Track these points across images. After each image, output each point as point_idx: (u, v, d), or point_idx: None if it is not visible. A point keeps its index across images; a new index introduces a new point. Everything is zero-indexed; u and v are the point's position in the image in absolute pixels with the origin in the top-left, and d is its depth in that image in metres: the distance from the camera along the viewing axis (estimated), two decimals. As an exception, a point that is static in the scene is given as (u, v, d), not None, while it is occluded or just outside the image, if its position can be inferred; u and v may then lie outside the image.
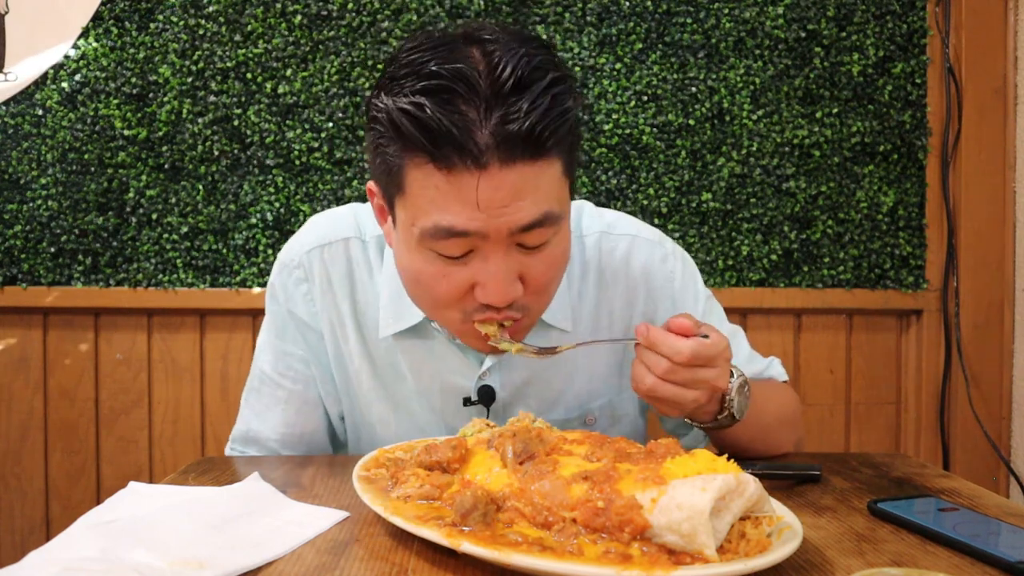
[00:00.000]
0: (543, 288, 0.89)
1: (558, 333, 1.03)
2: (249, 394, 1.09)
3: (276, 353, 1.07)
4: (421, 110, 0.77)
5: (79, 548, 0.66)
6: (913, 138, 1.89)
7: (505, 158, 0.78)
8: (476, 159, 0.77)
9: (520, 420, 0.86)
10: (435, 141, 0.77)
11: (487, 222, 0.80)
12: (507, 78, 0.77)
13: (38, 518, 1.86)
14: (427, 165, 0.79)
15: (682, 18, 1.85)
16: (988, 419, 1.89)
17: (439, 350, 1.03)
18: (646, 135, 1.85)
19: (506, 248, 0.83)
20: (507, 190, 0.79)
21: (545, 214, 0.82)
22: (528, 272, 0.86)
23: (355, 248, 1.05)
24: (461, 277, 0.85)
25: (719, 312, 1.15)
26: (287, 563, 0.66)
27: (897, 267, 1.90)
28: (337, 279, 1.04)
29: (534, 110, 0.77)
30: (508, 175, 0.78)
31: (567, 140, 0.83)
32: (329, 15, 1.82)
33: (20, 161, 1.80)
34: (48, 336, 1.85)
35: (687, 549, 0.60)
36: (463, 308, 0.87)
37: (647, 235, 1.11)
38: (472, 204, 0.79)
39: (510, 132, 0.77)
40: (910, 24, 1.88)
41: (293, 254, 1.06)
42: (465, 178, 0.78)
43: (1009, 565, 0.64)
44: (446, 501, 0.71)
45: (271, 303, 1.08)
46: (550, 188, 0.82)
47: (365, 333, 1.05)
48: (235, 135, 1.82)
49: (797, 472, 0.91)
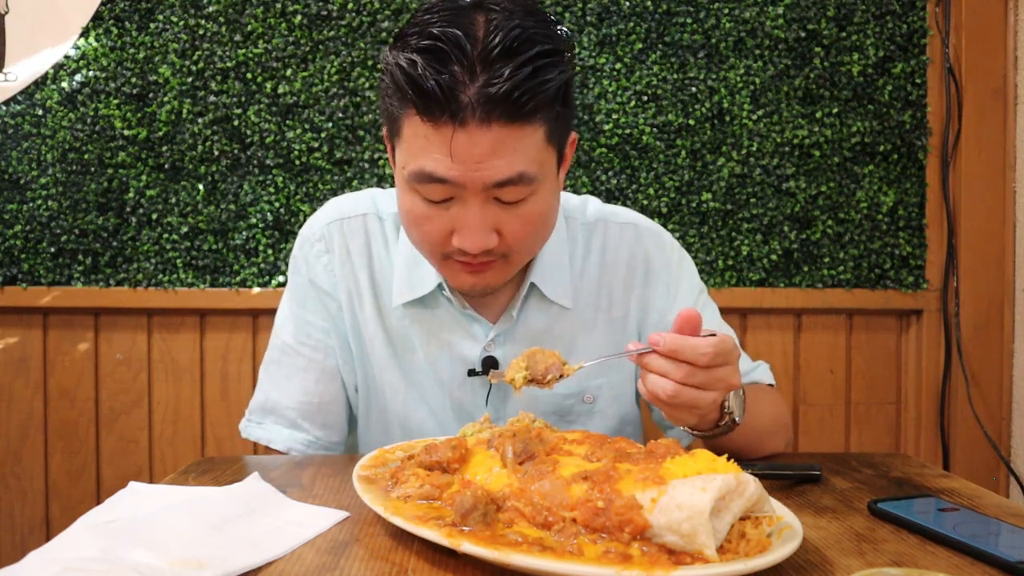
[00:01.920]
0: (518, 243, 0.94)
1: (558, 309, 1.09)
2: (269, 365, 1.14)
3: (297, 322, 1.12)
4: (414, 67, 0.85)
5: (79, 548, 0.66)
6: (913, 138, 1.89)
7: (483, 118, 0.84)
8: (455, 114, 0.84)
9: (520, 420, 0.86)
10: (423, 96, 0.85)
11: (464, 173, 0.87)
12: (495, 45, 0.84)
13: (38, 518, 1.86)
14: (416, 116, 0.87)
15: (682, 18, 1.85)
16: (988, 419, 1.89)
17: (447, 320, 1.08)
18: (646, 135, 1.85)
19: (483, 200, 0.90)
20: (484, 147, 0.86)
21: (520, 174, 0.88)
22: (504, 226, 0.92)
23: (372, 223, 1.11)
24: (442, 221, 0.92)
25: (713, 309, 1.18)
26: (287, 563, 0.66)
27: (897, 267, 1.90)
28: (356, 250, 1.10)
29: (515, 76, 0.83)
30: (485, 133, 0.85)
31: (551, 108, 0.89)
32: (329, 15, 1.82)
33: (20, 161, 1.80)
34: (48, 336, 1.85)
35: (687, 549, 0.60)
36: (443, 250, 0.94)
37: (648, 225, 1.17)
38: (452, 156, 0.86)
39: (490, 94, 0.83)
40: (910, 24, 1.88)
41: (315, 228, 1.12)
42: (445, 131, 0.85)
43: (1009, 565, 0.64)
44: (446, 501, 0.71)
45: (293, 275, 1.14)
46: (528, 150, 0.88)
47: (380, 303, 1.10)
48: (235, 135, 1.82)
49: (797, 472, 0.91)
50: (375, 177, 1.83)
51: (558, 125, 0.92)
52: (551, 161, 0.94)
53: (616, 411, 1.14)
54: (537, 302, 1.09)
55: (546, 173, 0.93)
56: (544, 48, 0.85)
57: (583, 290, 1.11)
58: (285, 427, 1.10)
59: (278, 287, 1.82)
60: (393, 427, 1.12)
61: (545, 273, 1.08)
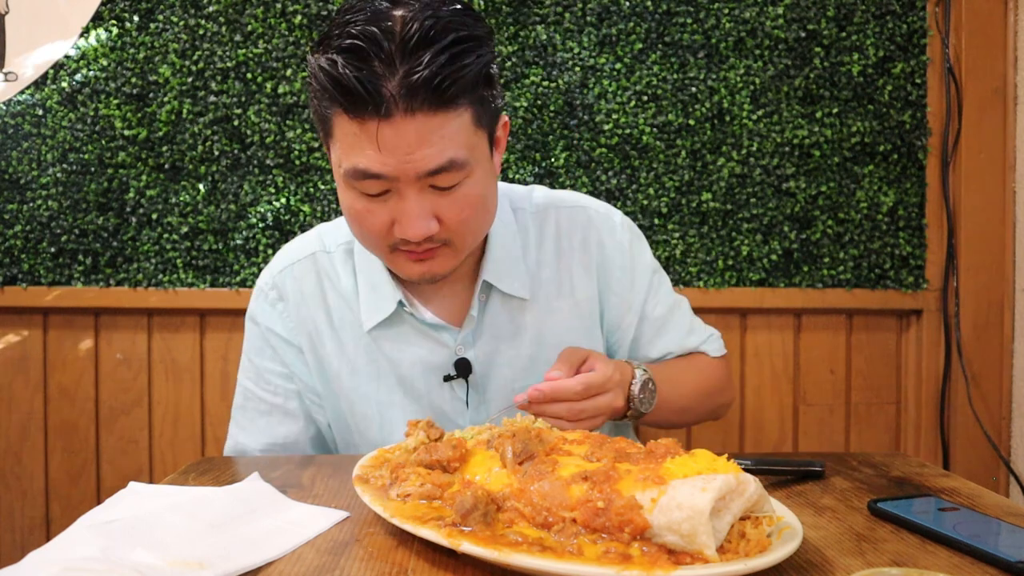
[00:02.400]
0: (459, 226, 0.96)
1: (518, 302, 1.11)
2: (236, 411, 1.16)
3: (257, 371, 1.15)
4: (335, 67, 0.86)
5: (79, 548, 0.66)
6: (913, 138, 1.89)
7: (407, 107, 0.86)
8: (379, 108, 0.86)
9: (520, 420, 0.86)
10: (346, 95, 0.87)
11: (396, 166, 0.89)
12: (411, 35, 0.85)
13: (38, 518, 1.86)
14: (344, 115, 0.89)
15: (682, 18, 1.85)
16: (988, 419, 1.89)
17: (412, 334, 1.10)
18: (646, 135, 1.85)
19: (419, 189, 0.92)
20: (411, 137, 0.87)
21: (450, 160, 0.90)
22: (443, 212, 0.94)
23: (322, 260, 1.14)
24: (382, 214, 0.94)
25: (666, 283, 1.22)
26: (287, 563, 0.66)
27: (897, 267, 1.90)
28: (309, 291, 1.13)
29: (433, 63, 0.85)
30: (411, 123, 0.87)
31: (473, 92, 0.90)
32: (329, 15, 1.82)
33: (20, 161, 1.80)
34: (48, 336, 1.85)
35: (687, 549, 0.60)
36: (387, 242, 0.97)
37: (597, 207, 1.19)
38: (381, 151, 0.88)
39: (411, 83, 0.85)
40: (910, 24, 1.88)
41: (267, 279, 1.16)
42: (371, 125, 0.87)
43: (1009, 565, 0.64)
44: (446, 501, 0.71)
45: (250, 326, 1.16)
46: (456, 136, 0.90)
47: (341, 336, 1.11)
48: (235, 135, 1.82)
49: (799, 468, 0.91)
50: (375, 177, 1.83)
51: (484, 109, 0.94)
52: (482, 145, 0.96)
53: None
54: (497, 299, 1.11)
55: (478, 157, 0.95)
56: (460, 35, 0.87)
57: (542, 279, 1.13)
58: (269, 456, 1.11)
59: (278, 287, 1.82)
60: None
61: (498, 268, 1.09)
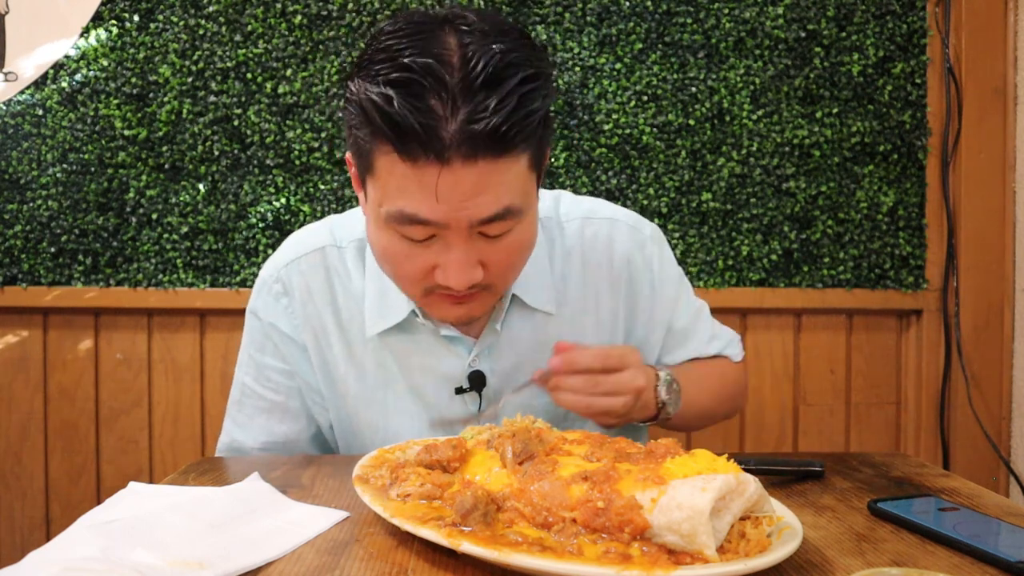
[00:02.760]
0: (502, 273, 0.92)
1: (543, 316, 1.07)
2: (231, 407, 1.12)
3: (257, 367, 1.09)
4: (389, 103, 0.78)
5: (79, 548, 0.66)
6: (913, 138, 1.89)
7: (468, 155, 0.79)
8: (439, 154, 0.78)
9: (519, 420, 0.86)
10: (400, 135, 0.78)
11: (448, 213, 0.82)
12: (477, 74, 0.77)
13: (38, 518, 1.86)
14: (392, 155, 0.81)
15: (682, 18, 1.85)
16: (988, 419, 1.89)
17: (426, 343, 1.04)
18: (646, 135, 1.85)
19: (467, 236, 0.85)
20: (468, 185, 0.80)
21: (506, 208, 0.84)
22: (489, 259, 0.88)
23: (331, 255, 1.07)
24: (424, 259, 0.87)
25: (688, 289, 1.21)
26: (287, 563, 0.66)
27: (897, 267, 1.90)
28: (317, 288, 1.06)
29: (501, 109, 0.77)
30: (470, 171, 0.80)
31: (535, 136, 0.84)
32: (329, 15, 1.82)
33: (20, 161, 1.80)
34: (48, 336, 1.85)
35: (687, 549, 0.60)
36: (425, 285, 0.91)
37: (625, 219, 1.14)
38: (433, 196, 0.81)
39: (475, 131, 0.77)
40: (910, 24, 1.88)
41: (271, 271, 1.09)
42: (428, 171, 0.79)
43: (1009, 565, 0.64)
44: (446, 501, 0.71)
45: (251, 320, 1.10)
46: (513, 183, 0.84)
47: (349, 338, 1.06)
48: (235, 135, 1.82)
49: (800, 468, 0.91)
50: (375, 177, 1.83)
51: (540, 150, 0.88)
52: (534, 187, 0.90)
53: None
54: (520, 312, 1.06)
55: (531, 202, 0.90)
56: (527, 73, 0.79)
57: (568, 295, 1.08)
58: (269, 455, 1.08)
59: (278, 287, 1.82)
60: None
61: (527, 281, 1.04)
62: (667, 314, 1.15)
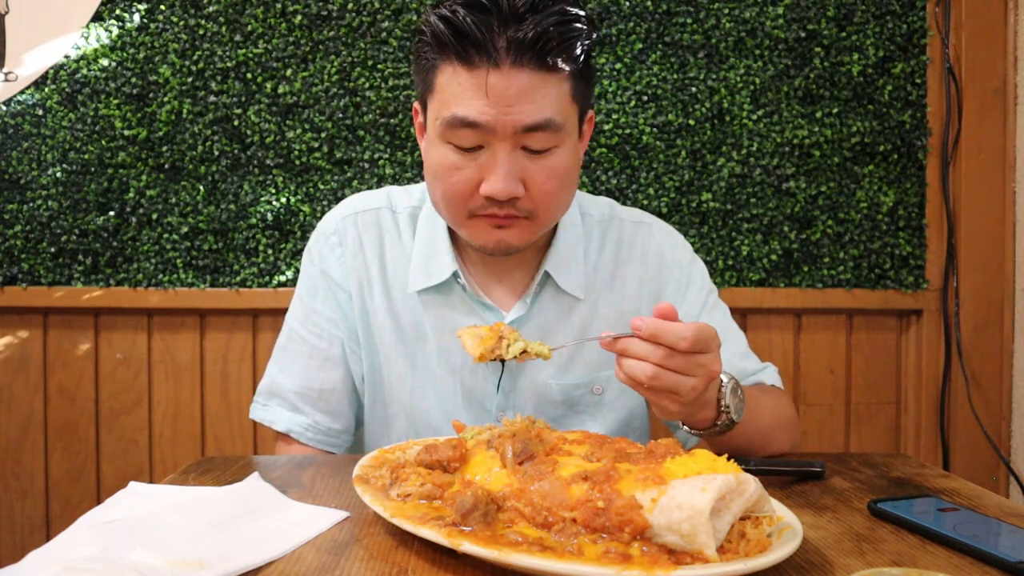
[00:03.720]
0: (543, 195, 0.98)
1: (570, 300, 1.12)
2: (277, 351, 1.17)
3: (306, 311, 1.15)
4: (455, 15, 0.93)
5: (79, 548, 0.66)
6: (913, 138, 1.89)
7: (515, 60, 0.92)
8: (491, 56, 0.92)
9: (519, 420, 0.86)
10: (461, 38, 0.92)
11: (496, 117, 0.93)
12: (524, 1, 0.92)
13: (38, 518, 1.86)
14: (454, 63, 0.94)
15: (682, 18, 1.85)
16: (988, 419, 1.89)
17: (461, 307, 1.11)
18: (646, 135, 1.85)
19: (511, 147, 0.95)
20: (515, 88, 0.92)
21: (548, 119, 0.94)
22: (530, 177, 0.97)
23: (385, 217, 1.16)
24: (470, 171, 0.97)
25: (723, 309, 1.19)
26: (287, 563, 0.66)
27: (897, 267, 1.90)
28: (368, 242, 1.15)
29: (541, 23, 0.92)
30: (517, 75, 0.92)
31: (575, 63, 0.96)
32: (329, 15, 1.82)
33: (20, 161, 1.80)
34: (48, 336, 1.85)
35: (687, 549, 0.60)
36: (470, 205, 0.99)
37: (661, 226, 1.22)
38: (484, 96, 0.93)
39: (520, 38, 0.91)
40: (910, 24, 1.88)
41: (330, 222, 1.17)
42: (481, 73, 0.93)
43: (1009, 565, 0.64)
44: (447, 501, 0.71)
45: (307, 265, 1.17)
46: (556, 100, 0.95)
47: (391, 293, 1.13)
48: (235, 135, 1.82)
49: (800, 468, 0.91)
50: (375, 177, 1.83)
51: (580, 86, 0.99)
52: (574, 119, 1.00)
53: (625, 403, 1.15)
54: (551, 292, 1.12)
55: (570, 129, 0.99)
56: (567, 5, 0.94)
57: (596, 283, 1.14)
58: (287, 410, 1.13)
59: (278, 287, 1.82)
60: (398, 416, 1.13)
61: (560, 263, 1.11)
62: (692, 315, 1.15)
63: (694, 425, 0.93)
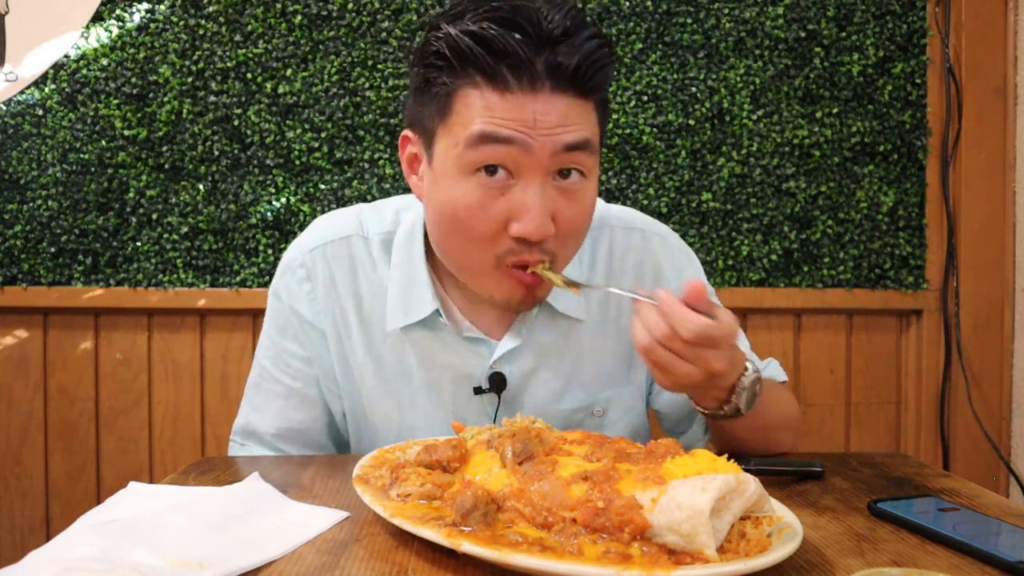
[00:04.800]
0: (571, 233, 0.92)
1: (568, 322, 1.06)
2: (250, 389, 1.11)
3: (277, 351, 1.09)
4: (486, 31, 0.84)
5: (79, 548, 0.66)
6: (913, 138, 1.89)
7: (555, 87, 0.86)
8: (532, 82, 0.85)
9: (519, 420, 0.86)
10: (496, 59, 0.84)
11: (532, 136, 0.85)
12: (559, 22, 0.85)
13: (38, 518, 1.86)
14: (481, 85, 0.86)
15: (682, 18, 1.85)
16: (988, 419, 1.89)
17: (449, 341, 1.04)
18: (646, 135, 1.85)
19: (543, 179, 0.87)
20: (555, 115, 0.86)
21: (586, 139, 0.88)
22: (560, 214, 0.89)
23: (357, 245, 1.07)
24: (498, 209, 0.88)
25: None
26: (287, 563, 0.66)
27: (897, 267, 1.90)
28: (340, 276, 1.06)
29: (583, 50, 0.86)
30: (558, 102, 0.86)
31: (603, 91, 0.92)
32: (329, 15, 1.82)
33: (20, 161, 1.80)
34: (48, 336, 1.85)
35: (687, 549, 0.60)
36: (496, 250, 0.90)
37: (654, 229, 1.14)
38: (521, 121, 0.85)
39: (562, 64, 0.85)
40: (910, 24, 1.88)
41: (295, 254, 1.08)
42: (519, 97, 0.85)
43: (1009, 565, 0.64)
44: (447, 501, 0.71)
45: (273, 302, 1.10)
46: (590, 123, 0.90)
47: (369, 330, 1.06)
48: (235, 135, 1.82)
49: (800, 468, 0.91)
50: (375, 177, 1.83)
51: (604, 117, 0.94)
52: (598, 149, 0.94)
53: (626, 424, 1.11)
54: (546, 316, 1.05)
55: (597, 160, 0.94)
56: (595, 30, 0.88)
57: (591, 301, 1.08)
58: (267, 450, 1.09)
59: (278, 287, 1.82)
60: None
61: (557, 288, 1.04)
62: None
63: (698, 402, 0.93)
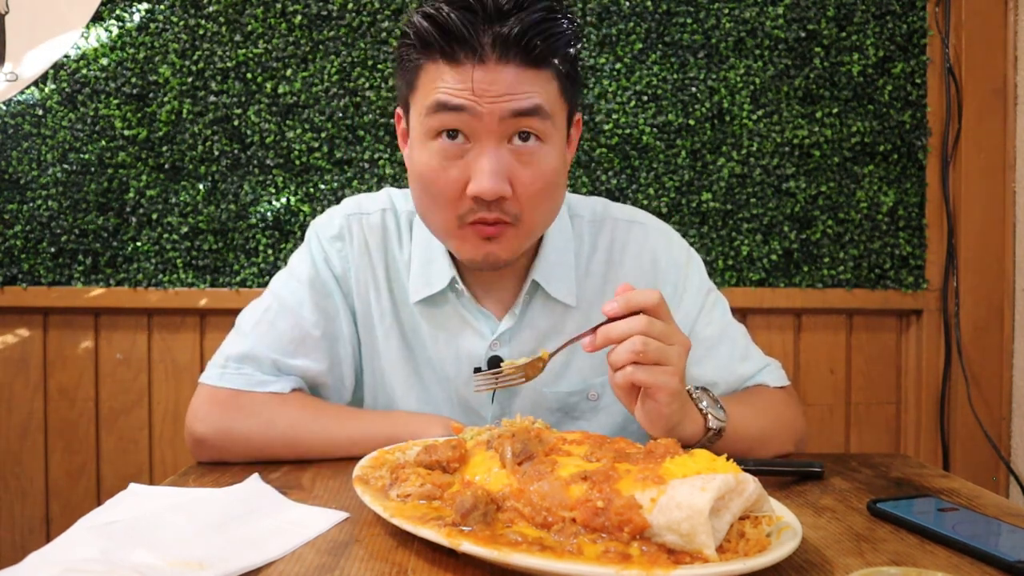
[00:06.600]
0: (530, 197, 0.96)
1: (562, 308, 1.10)
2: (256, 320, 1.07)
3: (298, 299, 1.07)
4: (439, 12, 0.93)
5: (79, 549, 0.66)
6: (913, 138, 1.89)
7: (501, 56, 0.92)
8: (476, 53, 0.92)
9: (519, 420, 0.86)
10: (446, 35, 0.92)
11: (482, 103, 0.92)
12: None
13: (38, 518, 1.86)
14: (438, 61, 0.94)
15: (682, 18, 1.85)
16: (988, 419, 1.89)
17: (455, 316, 1.09)
18: (646, 135, 1.85)
19: (497, 141, 0.94)
20: (502, 84, 0.92)
21: (536, 105, 0.93)
22: (517, 178, 0.95)
23: (390, 219, 1.13)
24: (457, 172, 0.95)
25: (723, 307, 1.17)
26: (287, 563, 0.66)
27: (897, 267, 1.90)
28: (374, 245, 1.12)
29: (526, 20, 0.92)
30: (503, 71, 0.92)
31: (561, 60, 0.95)
32: (329, 15, 1.82)
33: (20, 161, 1.80)
34: (48, 336, 1.85)
35: (686, 549, 0.60)
36: (458, 210, 0.96)
37: (655, 225, 1.19)
38: (470, 90, 0.92)
39: (505, 34, 0.91)
40: (910, 24, 1.88)
41: (333, 217, 1.14)
42: (467, 69, 0.92)
43: (1009, 565, 0.64)
44: (446, 501, 0.71)
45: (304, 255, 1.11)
46: (543, 91, 0.94)
47: (394, 298, 1.11)
48: (235, 135, 1.82)
49: (799, 469, 0.91)
50: (375, 177, 1.83)
51: (567, 86, 0.98)
52: (562, 118, 0.98)
53: (621, 408, 1.11)
54: (542, 300, 1.10)
55: (558, 125, 0.97)
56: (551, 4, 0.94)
57: (588, 288, 1.12)
58: (265, 375, 1.03)
59: (278, 287, 1.82)
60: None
61: (549, 270, 1.09)
62: (690, 319, 1.13)
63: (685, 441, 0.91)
